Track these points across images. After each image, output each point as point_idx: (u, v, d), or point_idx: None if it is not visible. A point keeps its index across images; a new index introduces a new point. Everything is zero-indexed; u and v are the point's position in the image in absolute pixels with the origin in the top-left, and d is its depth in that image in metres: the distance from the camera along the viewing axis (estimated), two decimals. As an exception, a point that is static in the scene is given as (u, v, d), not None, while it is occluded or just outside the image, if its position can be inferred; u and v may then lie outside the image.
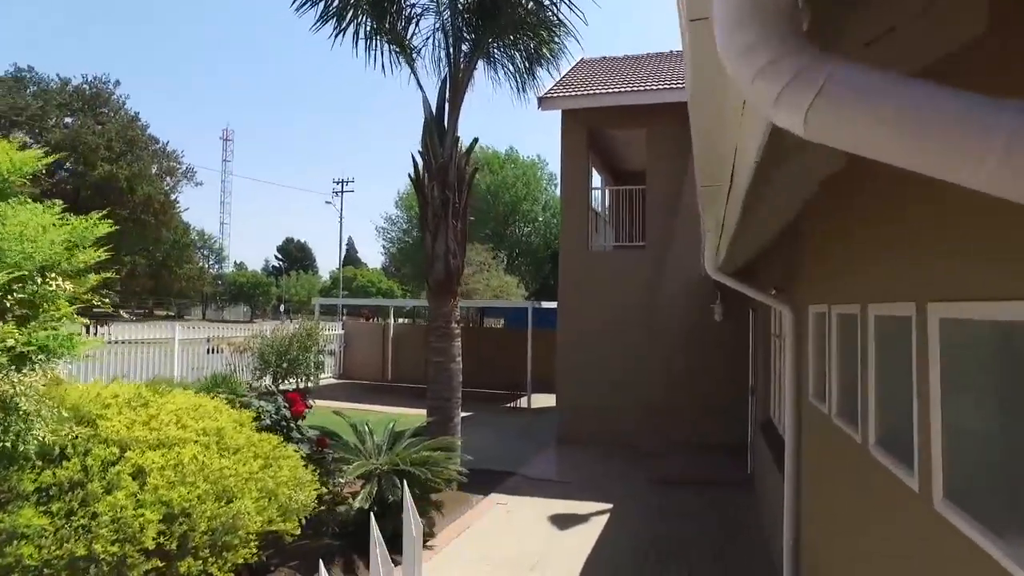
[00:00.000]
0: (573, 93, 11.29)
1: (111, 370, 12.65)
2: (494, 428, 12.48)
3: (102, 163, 33.49)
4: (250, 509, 3.40)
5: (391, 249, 42.59)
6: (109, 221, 3.65)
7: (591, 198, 11.94)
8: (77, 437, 3.30)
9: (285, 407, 5.70)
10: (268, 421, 5.33)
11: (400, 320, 47.81)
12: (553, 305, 18.40)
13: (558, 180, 42.28)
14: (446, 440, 7.24)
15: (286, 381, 15.89)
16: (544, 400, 16.42)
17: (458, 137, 8.56)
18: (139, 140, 36.29)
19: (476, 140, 8.78)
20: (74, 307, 3.08)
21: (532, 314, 15.74)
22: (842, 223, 3.21)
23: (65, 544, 2.78)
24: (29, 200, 3.40)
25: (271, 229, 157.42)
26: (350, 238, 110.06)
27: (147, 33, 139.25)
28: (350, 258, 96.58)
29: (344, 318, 42.34)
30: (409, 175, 8.64)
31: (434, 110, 8.61)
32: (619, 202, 12.60)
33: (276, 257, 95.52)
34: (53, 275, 2.92)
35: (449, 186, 8.31)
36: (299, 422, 5.92)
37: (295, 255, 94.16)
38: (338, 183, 56.09)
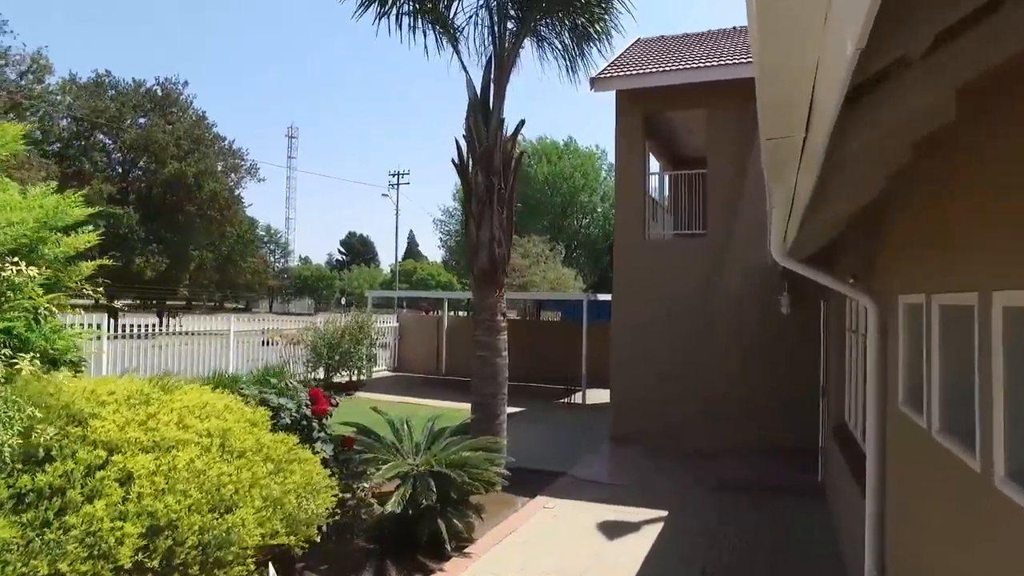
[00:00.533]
0: (627, 73, 10.64)
1: (166, 363, 12.86)
2: (546, 425, 12.03)
3: (171, 160, 34.67)
4: (248, 521, 3.06)
5: (448, 242, 42.68)
6: (83, 203, 3.36)
7: (647, 184, 11.27)
8: (66, 438, 3.03)
9: (307, 404, 5.37)
10: (288, 420, 5.02)
11: (457, 313, 48.11)
12: (609, 298, 17.81)
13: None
14: (488, 440, 6.82)
15: (339, 373, 15.87)
16: (599, 396, 15.85)
17: (503, 120, 8.11)
18: (205, 138, 37.40)
19: (523, 122, 8.30)
20: (55, 296, 2.80)
21: (587, 307, 15.17)
22: (948, 195, 2.58)
23: (32, 560, 2.49)
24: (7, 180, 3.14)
25: (335, 224, 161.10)
26: (411, 232, 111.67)
27: (214, 41, 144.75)
28: (411, 251, 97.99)
29: (403, 310, 42.83)
30: (452, 160, 8.25)
31: (478, 92, 8.19)
32: (679, 188, 11.88)
33: (339, 251, 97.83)
34: (15, 259, 2.64)
35: (494, 171, 7.87)
36: (324, 420, 5.58)
37: (357, 249, 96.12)
38: (393, 175, 55.76)
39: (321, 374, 15.62)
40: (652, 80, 10.37)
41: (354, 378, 16.70)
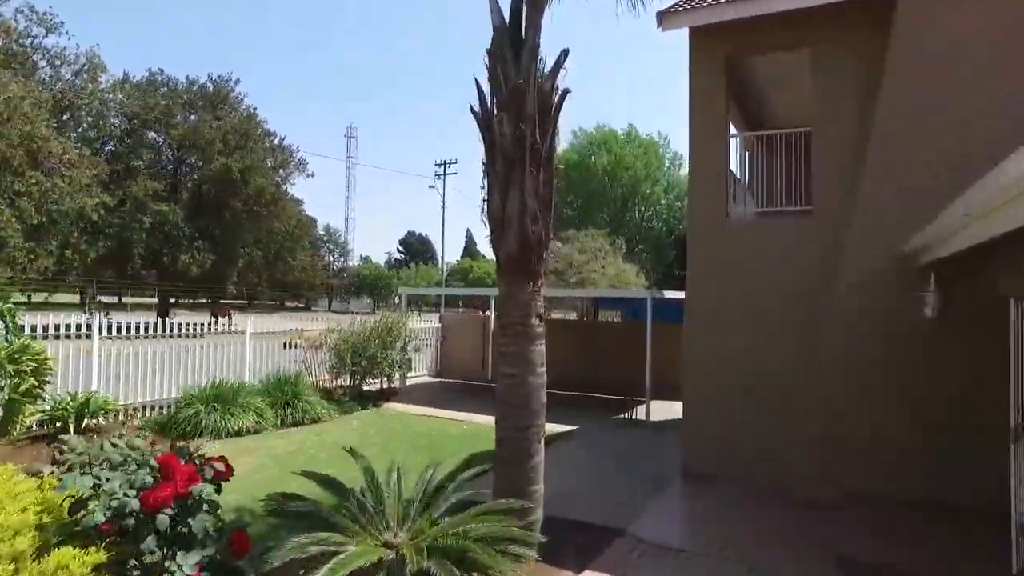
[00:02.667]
0: (704, 3, 8.27)
1: (170, 369, 11.27)
2: (600, 451, 9.79)
3: (218, 156, 33.96)
4: None
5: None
6: None
7: (729, 152, 8.84)
8: None
9: (152, 476, 3.20)
10: (102, 515, 2.93)
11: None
12: (677, 295, 15.30)
13: (681, 161, 38.43)
14: (510, 503, 4.67)
15: (367, 381, 14.05)
16: (665, 410, 13.52)
17: (538, 50, 5.94)
18: (254, 134, 36.62)
19: (566, 53, 6.09)
20: None
21: (651, 305, 12.79)
22: None
23: None
24: None
25: (397, 223, 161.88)
26: (468, 230, 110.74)
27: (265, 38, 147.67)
28: (468, 250, 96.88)
29: (459, 310, 41.20)
30: (471, 108, 6.12)
31: (507, 16, 6.05)
32: (770, 154, 9.37)
33: (398, 250, 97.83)
34: None
35: (526, 118, 5.69)
36: (205, 501, 3.40)
37: (416, 248, 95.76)
38: (440, 165, 51.79)
39: (347, 381, 13.80)
40: (735, 9, 7.97)
41: (386, 385, 14.84)
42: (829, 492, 7.11)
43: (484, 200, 6.25)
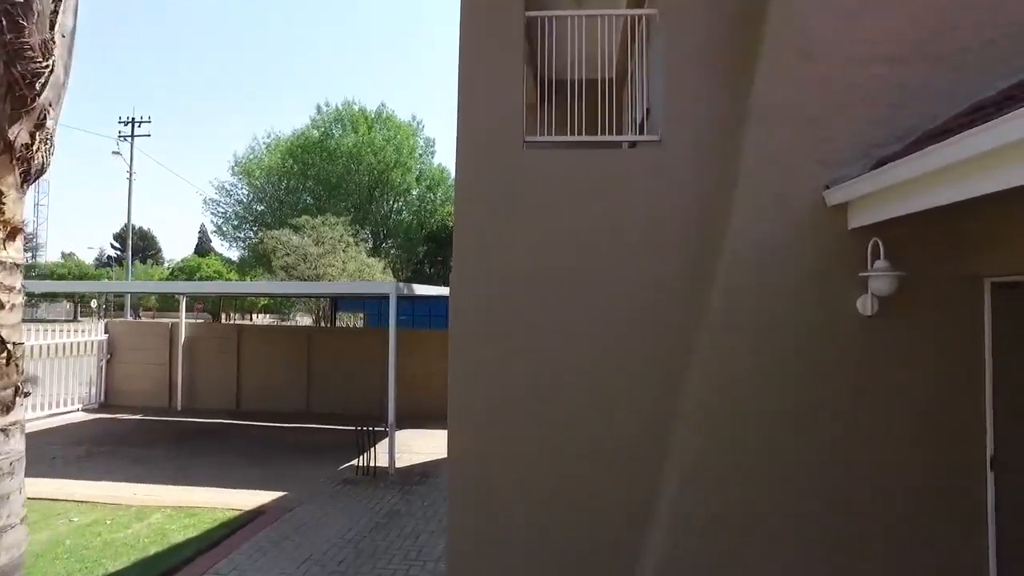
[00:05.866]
0: None
1: None
2: (311, 544, 5.79)
3: None
4: None
5: (225, 227, 33.77)
6: None
7: (522, 35, 5.34)
8: None
9: None
10: None
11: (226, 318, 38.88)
12: (433, 291, 11.82)
13: (435, 148, 35.28)
14: None
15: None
16: (419, 441, 10.10)
17: None
18: None
19: None
20: None
21: (397, 301, 9.05)
22: None
23: None
24: None
25: (112, 213, 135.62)
26: (202, 225, 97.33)
27: None
28: (202, 247, 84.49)
29: (130, 317, 33.21)
30: None
31: None
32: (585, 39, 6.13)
33: (112, 246, 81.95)
34: None
35: None
36: None
37: (135, 244, 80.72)
38: (125, 123, 35.18)
39: None
40: None
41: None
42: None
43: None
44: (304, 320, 33.44)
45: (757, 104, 4.12)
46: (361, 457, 8.84)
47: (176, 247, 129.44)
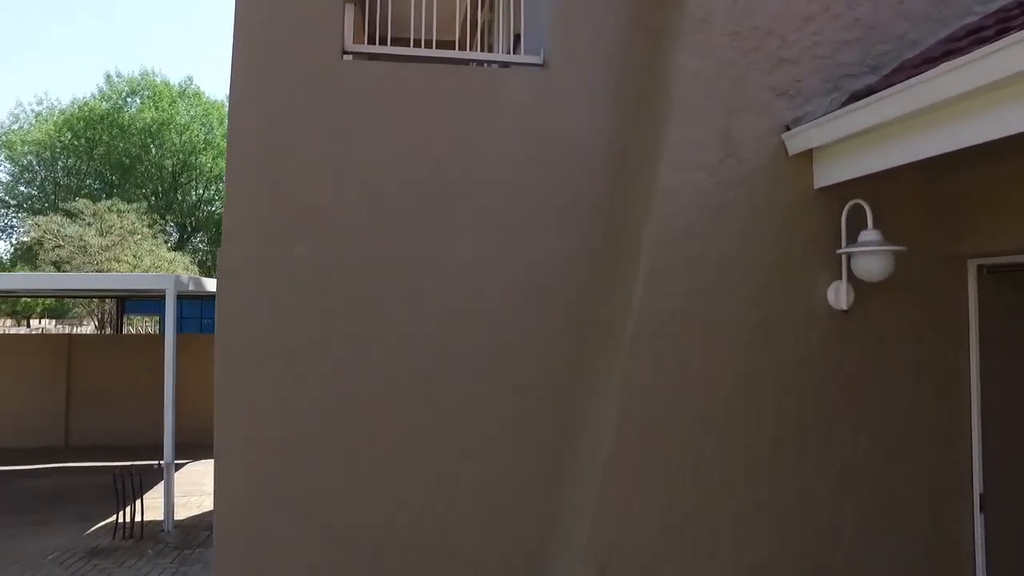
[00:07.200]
0: None
1: None
2: None
3: None
4: None
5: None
6: None
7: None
8: None
9: None
10: None
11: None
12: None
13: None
14: None
15: None
16: (206, 481, 7.98)
17: None
18: None
19: None
20: None
21: (176, 298, 6.83)
22: None
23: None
24: None
25: None
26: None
27: None
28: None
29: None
30: None
31: None
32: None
33: None
34: None
35: None
36: None
37: None
38: None
39: None
40: None
41: None
42: None
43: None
44: (86, 328, 28.17)
45: (692, 7, 2.83)
46: (130, 508, 6.51)
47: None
